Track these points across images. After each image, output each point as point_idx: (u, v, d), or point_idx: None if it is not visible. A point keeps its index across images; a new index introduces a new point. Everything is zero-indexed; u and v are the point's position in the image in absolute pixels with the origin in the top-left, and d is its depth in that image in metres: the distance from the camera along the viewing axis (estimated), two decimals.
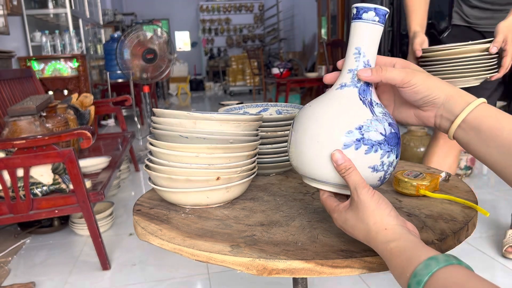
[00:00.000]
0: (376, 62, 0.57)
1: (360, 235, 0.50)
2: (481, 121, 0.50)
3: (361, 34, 0.55)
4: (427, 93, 0.53)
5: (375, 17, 0.54)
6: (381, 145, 0.53)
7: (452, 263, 0.40)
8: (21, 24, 3.95)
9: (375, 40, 0.55)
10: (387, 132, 0.54)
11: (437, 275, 0.39)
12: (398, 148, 0.56)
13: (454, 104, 0.52)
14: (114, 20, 7.85)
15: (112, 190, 2.57)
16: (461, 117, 0.51)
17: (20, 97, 2.37)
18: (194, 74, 12.06)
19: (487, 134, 0.50)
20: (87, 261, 1.80)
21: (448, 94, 0.52)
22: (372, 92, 0.56)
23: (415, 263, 0.41)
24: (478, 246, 1.75)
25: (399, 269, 0.43)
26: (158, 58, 3.65)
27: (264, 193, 0.76)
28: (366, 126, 0.53)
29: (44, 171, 1.65)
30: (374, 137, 0.53)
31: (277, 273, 0.51)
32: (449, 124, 0.53)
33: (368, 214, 0.49)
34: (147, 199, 0.75)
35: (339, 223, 0.53)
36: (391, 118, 0.56)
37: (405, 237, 0.46)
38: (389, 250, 0.45)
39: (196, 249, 0.55)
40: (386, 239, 0.46)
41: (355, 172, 0.52)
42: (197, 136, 0.66)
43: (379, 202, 0.49)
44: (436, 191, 0.73)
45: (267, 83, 7.19)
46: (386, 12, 0.54)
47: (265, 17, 11.99)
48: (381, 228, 0.47)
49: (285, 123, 0.83)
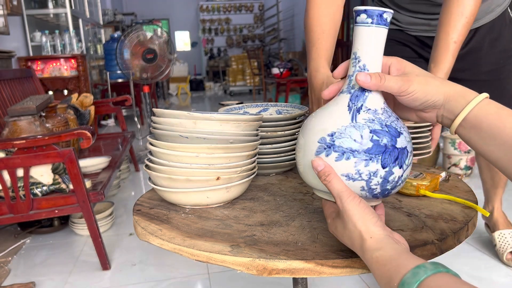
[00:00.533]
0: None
1: (347, 243, 0.50)
2: (482, 119, 0.49)
3: (356, 38, 0.54)
4: (426, 99, 0.52)
5: (367, 19, 0.52)
6: (355, 152, 0.51)
7: (440, 271, 0.39)
8: (21, 24, 3.95)
9: (371, 43, 0.53)
10: (365, 139, 0.51)
11: (425, 283, 0.39)
12: (388, 158, 0.51)
13: (454, 104, 0.51)
14: (114, 20, 7.85)
15: (112, 190, 2.57)
16: (461, 117, 0.50)
17: (20, 97, 2.37)
18: (194, 74, 12.06)
19: (488, 133, 0.49)
20: (87, 261, 1.80)
21: (447, 94, 0.51)
22: (367, 98, 0.53)
23: (403, 272, 0.41)
24: (478, 246, 1.75)
25: (386, 278, 0.43)
26: (158, 58, 3.65)
27: (264, 193, 0.76)
28: (339, 132, 0.52)
29: (44, 171, 1.65)
30: (346, 144, 0.51)
31: (277, 273, 0.51)
32: (450, 122, 0.53)
33: (354, 223, 0.48)
34: (147, 199, 0.75)
35: (332, 229, 0.53)
36: (382, 125, 0.52)
37: (391, 246, 0.45)
38: (375, 259, 0.45)
39: (196, 249, 0.55)
40: (371, 247, 0.46)
41: (336, 180, 0.51)
42: (197, 136, 0.66)
43: (365, 211, 0.49)
44: (436, 191, 0.73)
45: (267, 83, 7.19)
46: (381, 13, 0.52)
47: (265, 17, 11.99)
48: (367, 237, 0.47)
49: (285, 123, 0.83)
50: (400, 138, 0.53)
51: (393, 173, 0.52)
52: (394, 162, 0.52)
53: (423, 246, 0.54)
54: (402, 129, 0.54)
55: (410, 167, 0.55)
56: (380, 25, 0.52)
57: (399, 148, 0.52)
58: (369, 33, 0.53)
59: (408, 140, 0.54)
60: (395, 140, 0.52)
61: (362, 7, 0.52)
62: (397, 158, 0.52)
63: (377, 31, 0.53)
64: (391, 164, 0.52)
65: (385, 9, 0.52)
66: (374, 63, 0.54)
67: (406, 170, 0.54)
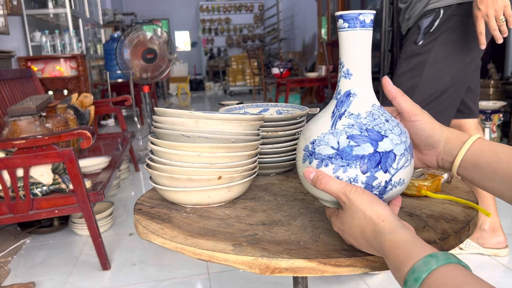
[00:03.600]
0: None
1: (357, 233, 0.50)
2: (479, 158, 0.53)
3: (340, 44, 0.54)
4: (432, 133, 0.56)
5: (344, 24, 0.51)
6: (332, 159, 0.51)
7: (452, 261, 0.39)
8: (21, 24, 3.95)
9: (351, 47, 0.52)
10: (342, 145, 0.51)
11: (435, 273, 0.39)
12: (367, 163, 0.50)
13: (452, 146, 0.56)
14: (114, 20, 7.85)
15: (112, 190, 2.57)
16: (459, 158, 0.54)
17: (20, 97, 2.37)
18: (194, 74, 12.06)
19: (487, 170, 0.52)
20: (87, 261, 1.80)
21: (446, 136, 0.56)
22: (351, 103, 0.53)
23: (414, 259, 0.41)
24: None
25: (397, 262, 0.43)
26: (158, 58, 3.65)
27: (265, 193, 0.76)
28: (319, 140, 0.53)
29: (44, 171, 1.65)
30: (324, 151, 0.52)
31: (279, 272, 0.51)
32: (450, 165, 0.56)
33: (363, 211, 0.48)
34: (148, 199, 0.75)
35: (338, 226, 0.53)
36: (361, 130, 0.51)
37: (403, 230, 0.45)
38: (387, 241, 0.45)
39: (199, 248, 0.55)
40: (384, 230, 0.46)
41: (332, 180, 0.51)
42: (199, 135, 0.66)
43: (371, 198, 0.49)
44: (437, 192, 0.73)
45: (267, 83, 7.19)
46: (356, 15, 0.50)
47: (265, 17, 11.99)
48: (378, 220, 0.47)
49: (285, 123, 0.83)
50: (384, 141, 0.51)
51: (376, 178, 0.51)
52: (376, 166, 0.50)
53: None
54: (389, 132, 0.52)
55: (407, 170, 0.53)
56: (357, 28, 0.51)
57: (382, 152, 0.50)
58: (348, 38, 0.52)
59: (396, 143, 0.51)
60: (376, 144, 0.50)
61: (339, 12, 0.52)
62: (379, 162, 0.50)
63: (355, 35, 0.52)
64: (372, 169, 0.50)
65: (362, 11, 0.51)
66: (357, 67, 0.53)
67: (396, 174, 0.52)
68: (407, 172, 0.53)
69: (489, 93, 3.83)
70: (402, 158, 0.52)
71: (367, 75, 0.54)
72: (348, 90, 0.54)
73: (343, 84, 0.54)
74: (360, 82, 0.53)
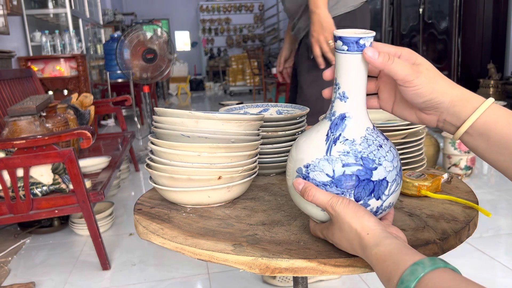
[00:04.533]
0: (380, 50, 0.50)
1: (347, 246, 0.50)
2: (490, 127, 0.47)
3: (336, 64, 0.51)
4: (430, 97, 0.49)
5: (343, 46, 0.49)
6: (327, 186, 0.51)
7: (439, 266, 0.39)
8: (21, 24, 3.95)
9: (349, 71, 0.50)
10: (337, 173, 0.50)
11: (424, 280, 0.38)
12: (361, 191, 0.50)
13: (460, 109, 0.48)
14: (114, 20, 7.85)
15: (112, 190, 2.57)
16: (467, 124, 0.48)
17: (20, 97, 2.37)
18: (194, 74, 12.06)
19: (497, 141, 0.47)
20: (87, 261, 1.80)
21: (453, 99, 0.49)
22: (346, 127, 0.52)
23: (401, 269, 0.40)
24: (478, 246, 1.75)
25: (386, 274, 0.42)
26: (158, 58, 3.65)
27: (265, 193, 0.76)
28: (313, 165, 0.52)
29: (44, 171, 1.65)
30: (318, 178, 0.51)
31: (279, 272, 0.51)
32: (455, 129, 0.50)
33: (348, 223, 0.48)
34: (148, 199, 0.75)
35: (329, 237, 0.53)
36: (357, 158, 0.50)
37: (388, 241, 0.45)
38: (374, 255, 0.44)
39: (199, 248, 0.55)
40: (369, 244, 0.45)
41: (319, 192, 0.51)
42: (199, 135, 0.66)
43: (356, 209, 0.49)
44: (437, 192, 0.73)
45: (267, 83, 7.19)
46: (356, 39, 0.48)
47: (265, 17, 11.99)
48: (363, 234, 0.46)
49: (285, 123, 0.83)
50: (378, 170, 0.51)
51: (369, 205, 0.51)
52: (370, 195, 0.51)
53: (425, 246, 0.54)
54: (383, 159, 0.51)
55: (396, 194, 0.53)
56: (358, 51, 0.49)
57: (375, 181, 0.50)
58: (346, 61, 0.50)
59: (389, 170, 0.51)
60: (371, 173, 0.50)
61: (338, 32, 0.49)
62: (372, 191, 0.51)
63: (354, 59, 0.49)
64: (366, 197, 0.51)
65: (362, 35, 0.48)
66: (354, 90, 0.51)
67: (387, 200, 0.52)
68: (396, 196, 0.54)
69: (489, 93, 3.83)
70: (394, 184, 0.52)
71: (363, 98, 0.52)
72: (343, 113, 0.52)
73: (338, 106, 0.52)
74: (355, 105, 0.52)
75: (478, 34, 4.18)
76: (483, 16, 4.13)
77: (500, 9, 4.09)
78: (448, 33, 4.34)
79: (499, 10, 4.10)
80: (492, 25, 4.14)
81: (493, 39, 4.15)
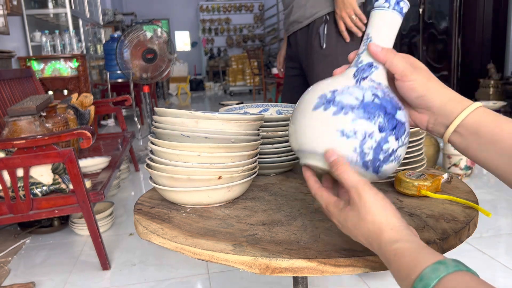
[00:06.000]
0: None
1: (361, 235, 0.48)
2: (480, 125, 0.49)
3: (371, 22, 0.55)
4: (423, 93, 0.51)
5: (385, 3, 0.54)
6: (354, 109, 0.50)
7: (461, 269, 0.38)
8: (21, 24, 3.95)
9: (385, 25, 0.54)
10: (366, 99, 0.50)
11: (445, 281, 0.37)
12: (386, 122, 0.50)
13: (450, 109, 0.51)
14: (114, 20, 7.85)
15: (112, 190, 2.57)
16: (457, 122, 0.50)
17: (20, 97, 2.37)
18: (194, 74, 12.06)
19: (487, 139, 0.48)
20: (87, 261, 1.80)
21: (444, 101, 0.51)
22: (373, 72, 0.53)
23: (422, 266, 0.39)
24: (478, 246, 1.75)
25: (404, 270, 0.41)
26: (158, 58, 3.65)
27: (265, 193, 0.76)
28: (341, 90, 0.52)
29: (44, 171, 1.65)
30: (346, 100, 0.50)
31: (279, 272, 0.51)
32: (444, 128, 0.52)
33: (373, 213, 0.47)
34: (148, 199, 0.75)
35: (337, 219, 0.51)
36: (385, 93, 0.52)
37: (411, 238, 0.44)
38: (393, 250, 0.44)
39: (199, 248, 0.55)
40: (390, 239, 0.45)
41: (350, 172, 0.49)
42: (199, 135, 0.66)
43: (384, 201, 0.47)
44: (437, 192, 0.73)
45: (267, 83, 7.19)
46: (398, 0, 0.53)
47: (265, 17, 11.99)
48: (387, 228, 0.45)
49: (285, 123, 0.83)
50: (400, 111, 0.52)
51: (388, 141, 0.51)
52: (392, 130, 0.51)
53: None
54: (403, 108, 0.53)
55: (405, 148, 0.54)
56: (396, 11, 0.54)
57: (398, 120, 0.51)
58: (384, 16, 0.54)
59: (406, 120, 0.53)
60: (396, 110, 0.51)
61: None
62: (394, 127, 0.51)
63: (393, 16, 0.54)
64: (388, 130, 0.50)
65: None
66: (384, 45, 0.54)
67: (400, 148, 0.52)
68: (404, 150, 0.54)
69: (489, 93, 3.83)
70: (408, 137, 0.54)
71: None
72: (371, 61, 0.54)
73: (366, 56, 0.55)
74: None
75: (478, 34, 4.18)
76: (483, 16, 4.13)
77: (500, 9, 4.09)
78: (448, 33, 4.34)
79: (499, 10, 4.10)
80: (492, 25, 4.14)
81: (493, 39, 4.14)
